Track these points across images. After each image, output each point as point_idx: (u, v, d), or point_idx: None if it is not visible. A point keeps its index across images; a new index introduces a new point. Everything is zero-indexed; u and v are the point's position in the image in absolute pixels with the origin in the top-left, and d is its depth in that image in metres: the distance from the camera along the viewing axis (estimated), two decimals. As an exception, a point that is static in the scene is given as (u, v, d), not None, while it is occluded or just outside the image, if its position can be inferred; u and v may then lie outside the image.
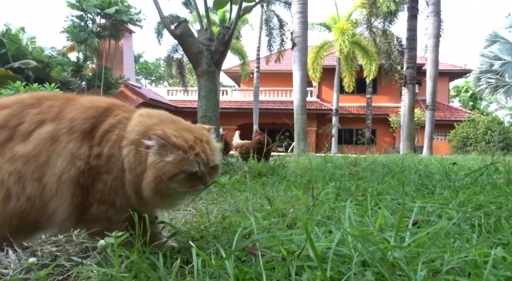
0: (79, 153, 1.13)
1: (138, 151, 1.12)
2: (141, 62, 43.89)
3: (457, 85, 42.23)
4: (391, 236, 1.06)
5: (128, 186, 1.14)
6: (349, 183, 2.54)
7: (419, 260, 0.93)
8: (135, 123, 1.18)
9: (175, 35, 3.15)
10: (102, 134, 1.16)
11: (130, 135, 1.15)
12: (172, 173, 1.09)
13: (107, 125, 1.18)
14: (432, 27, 14.04)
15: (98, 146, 1.15)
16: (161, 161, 1.10)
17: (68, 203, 1.11)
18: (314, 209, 1.47)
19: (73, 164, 1.11)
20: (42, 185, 1.10)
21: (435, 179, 3.15)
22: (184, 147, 1.12)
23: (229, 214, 1.57)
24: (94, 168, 1.13)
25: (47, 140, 1.13)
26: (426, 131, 14.58)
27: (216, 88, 3.28)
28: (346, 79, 21.44)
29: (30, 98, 1.23)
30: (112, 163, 1.14)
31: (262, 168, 3.01)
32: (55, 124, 1.15)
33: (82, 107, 1.20)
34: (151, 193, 1.10)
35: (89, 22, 22.62)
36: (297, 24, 10.14)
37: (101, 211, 1.14)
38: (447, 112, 25.01)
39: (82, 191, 1.13)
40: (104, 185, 1.14)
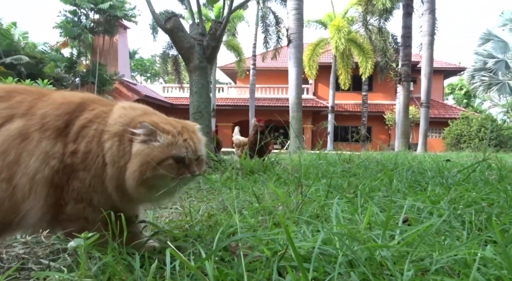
0: (53, 151, 1.07)
1: (122, 142, 1.09)
2: (136, 58, 43.60)
3: (452, 83, 42.42)
4: (379, 235, 1.03)
5: (109, 182, 1.09)
6: (341, 180, 2.51)
7: (407, 259, 0.89)
8: (118, 115, 1.14)
9: (166, 29, 3.09)
10: (77, 130, 1.11)
11: (112, 128, 1.11)
12: (159, 158, 1.07)
13: (83, 120, 1.12)
14: (427, 25, 14.05)
15: (73, 143, 1.09)
16: (147, 147, 1.08)
17: (41, 203, 1.06)
18: (303, 207, 1.43)
19: (47, 163, 1.06)
20: (12, 186, 1.04)
21: (428, 175, 3.14)
22: (172, 132, 1.12)
23: (215, 212, 1.53)
24: (69, 165, 1.08)
25: (16, 137, 1.07)
26: (420, 128, 14.63)
27: (208, 84, 3.23)
28: (342, 77, 21.42)
29: (0, 91, 1.16)
30: (90, 159, 1.09)
31: (254, 165, 2.97)
32: (25, 121, 1.09)
33: (54, 103, 1.14)
34: (136, 183, 1.06)
35: (82, 17, 22.40)
36: (293, 21, 10.08)
37: (77, 210, 1.09)
38: (442, 110, 25.12)
39: (56, 190, 1.08)
40: (81, 183, 1.08)
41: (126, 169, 1.07)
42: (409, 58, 13.21)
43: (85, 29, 21.91)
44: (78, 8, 21.94)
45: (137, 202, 1.19)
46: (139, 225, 1.21)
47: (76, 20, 22.19)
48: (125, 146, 1.09)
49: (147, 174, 1.06)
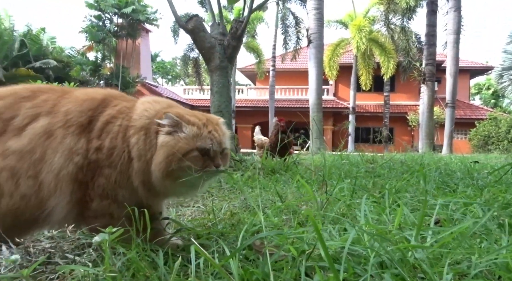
0: (77, 147, 1.07)
1: (148, 135, 1.09)
2: (157, 61, 44.35)
3: (478, 83, 41.09)
4: (411, 235, 0.97)
5: (135, 177, 1.09)
6: (365, 181, 2.44)
7: (443, 262, 0.84)
8: (142, 109, 1.14)
9: (187, 29, 3.11)
10: (101, 127, 1.11)
11: (138, 122, 1.11)
12: (185, 150, 1.07)
13: (107, 116, 1.12)
14: (452, 22, 13.64)
15: (97, 139, 1.09)
16: (173, 139, 1.08)
17: (67, 200, 1.06)
18: (328, 206, 1.39)
19: (71, 159, 1.06)
20: (38, 183, 1.05)
21: (457, 177, 3.02)
22: (197, 123, 1.12)
23: (238, 211, 1.50)
24: (93, 162, 1.08)
25: (42, 135, 1.08)
26: (445, 129, 14.20)
27: (229, 84, 3.22)
28: (363, 77, 21.09)
29: (25, 90, 1.18)
30: (115, 155, 1.08)
31: (275, 165, 2.94)
32: (50, 119, 1.10)
33: (77, 100, 1.15)
34: (161, 175, 1.05)
35: (106, 21, 22.96)
36: (313, 21, 9.98)
37: (103, 206, 1.09)
38: (468, 111, 24.35)
39: (81, 186, 1.08)
40: (106, 179, 1.08)
41: (151, 162, 1.07)
42: (434, 57, 12.85)
43: (109, 33, 22.46)
44: (103, 13, 22.50)
45: (163, 196, 1.18)
46: (162, 222, 1.20)
47: (101, 25, 22.76)
48: (152, 139, 1.08)
49: (173, 166, 1.05)
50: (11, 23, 20.98)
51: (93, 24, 22.58)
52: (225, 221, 1.33)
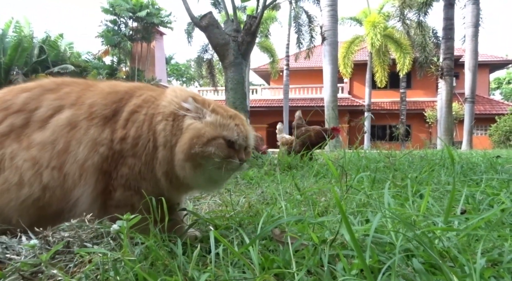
0: (101, 138, 1.08)
1: (176, 120, 1.08)
2: (172, 63, 44.80)
3: (498, 77, 40.00)
4: (437, 223, 0.93)
5: (159, 167, 1.08)
6: (385, 174, 2.38)
7: (473, 249, 0.80)
8: (172, 96, 1.14)
9: (201, 27, 3.11)
10: (127, 117, 1.10)
11: (167, 109, 1.10)
12: (211, 135, 1.06)
13: (132, 106, 1.12)
14: (470, 15, 13.31)
15: (122, 129, 1.09)
16: (199, 123, 1.08)
17: (91, 189, 1.07)
18: (348, 198, 1.35)
19: (96, 150, 1.07)
20: (63, 174, 1.06)
21: (480, 170, 2.93)
22: (223, 114, 1.11)
23: (255, 203, 1.48)
24: (118, 152, 1.08)
25: (65, 126, 1.09)
26: (465, 125, 13.85)
27: (244, 80, 3.20)
28: (378, 74, 20.79)
29: (51, 83, 1.20)
30: (140, 145, 1.08)
31: (292, 160, 2.90)
32: (74, 110, 1.11)
33: (101, 92, 1.16)
34: (183, 156, 1.04)
35: (122, 26, 23.34)
36: (327, 18, 9.88)
37: (125, 197, 1.09)
38: (487, 106, 23.72)
39: (105, 176, 1.08)
40: (130, 169, 1.08)
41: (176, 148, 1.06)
42: (452, 51, 12.55)
43: (125, 37, 22.82)
44: (118, 17, 22.89)
45: (184, 188, 1.16)
46: (180, 213, 1.19)
47: (116, 29, 23.15)
48: (179, 123, 1.08)
49: (196, 148, 1.04)
50: (30, 30, 21.54)
51: (108, 28, 22.99)
52: (243, 213, 1.31)
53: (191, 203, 1.52)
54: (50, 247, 0.84)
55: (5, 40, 19.97)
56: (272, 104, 24.64)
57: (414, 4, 17.82)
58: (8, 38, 20.06)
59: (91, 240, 0.93)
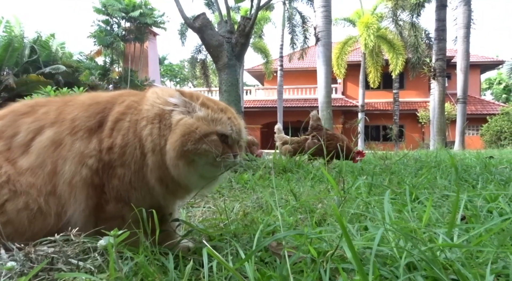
0: (89, 150, 1.03)
1: (163, 120, 1.03)
2: (165, 64, 44.57)
3: (489, 78, 40.41)
4: (439, 234, 0.90)
5: (151, 175, 1.02)
6: (381, 178, 2.36)
7: (477, 261, 0.77)
8: (154, 98, 1.08)
9: (194, 28, 3.06)
10: (111, 125, 1.05)
11: (150, 112, 1.05)
12: (204, 131, 1.00)
13: (116, 114, 1.07)
14: (462, 17, 13.40)
15: (108, 138, 1.04)
16: (190, 118, 1.02)
17: (83, 207, 1.02)
18: (345, 204, 1.32)
19: (84, 163, 1.02)
20: (57, 197, 1.01)
21: (474, 172, 2.92)
22: (214, 108, 1.06)
23: (251, 211, 1.44)
24: (107, 163, 1.03)
25: (49, 146, 1.04)
26: (457, 125, 13.95)
27: (238, 82, 3.16)
28: (371, 75, 20.89)
29: (23, 106, 1.15)
30: (128, 153, 1.03)
31: (287, 163, 2.87)
32: (56, 129, 1.06)
33: (82, 105, 1.11)
34: (175, 154, 0.98)
35: (114, 26, 23.13)
36: (321, 19, 9.88)
37: (117, 209, 1.04)
38: (479, 106, 23.97)
39: (96, 190, 1.03)
40: (119, 180, 1.03)
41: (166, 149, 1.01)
42: (444, 52, 12.63)
43: (117, 37, 22.61)
44: (110, 17, 22.66)
45: (181, 191, 1.10)
46: (172, 223, 1.14)
47: (109, 29, 22.93)
48: (166, 122, 1.03)
49: (189, 146, 0.98)
50: (21, 30, 21.25)
51: (101, 28, 22.76)
52: (238, 222, 1.27)
53: (184, 211, 1.48)
54: (33, 264, 0.79)
55: (-5, 41, 19.68)
56: (266, 105, 24.63)
57: (406, 5, 17.93)
58: (-2, 39, 19.77)
59: (77, 255, 0.88)
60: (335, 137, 3.46)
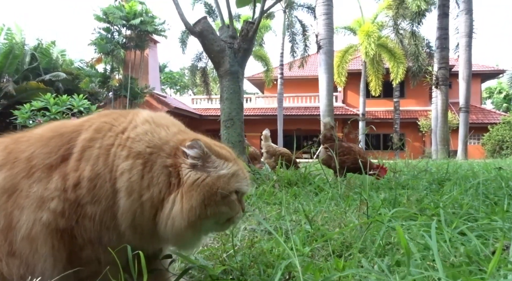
0: (49, 191, 0.82)
1: (148, 167, 0.82)
2: (166, 72, 44.61)
3: (490, 87, 40.44)
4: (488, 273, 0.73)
5: (123, 219, 0.82)
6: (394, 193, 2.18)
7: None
8: (142, 131, 0.87)
9: (195, 32, 2.92)
10: (78, 156, 0.84)
11: (134, 145, 0.84)
12: (226, 191, 0.83)
13: (82, 142, 0.86)
14: (463, 25, 13.37)
15: (75, 172, 0.83)
16: (208, 176, 0.83)
17: (51, 262, 0.81)
18: (368, 231, 1.14)
19: (44, 208, 0.81)
20: (16, 258, 0.81)
21: (492, 186, 2.75)
22: (230, 158, 0.88)
23: (259, 237, 1.26)
24: (74, 201, 0.82)
25: (1, 195, 0.83)
26: (460, 134, 13.82)
27: (240, 89, 3.00)
28: (372, 83, 20.84)
29: None
30: (98, 187, 0.82)
31: (292, 176, 2.70)
32: (6, 172, 0.85)
33: (40, 140, 0.90)
34: (187, 224, 0.80)
35: (115, 33, 23.10)
36: (322, 26, 9.79)
37: (90, 252, 0.85)
38: (480, 115, 23.91)
39: (63, 238, 0.82)
40: (90, 220, 0.82)
41: (151, 205, 0.82)
42: (447, 61, 12.54)
43: (118, 44, 22.59)
44: (111, 25, 22.66)
45: (156, 243, 0.91)
46: (164, 261, 0.95)
47: (109, 37, 22.91)
48: (156, 174, 0.82)
49: (208, 212, 0.81)
50: (22, 37, 21.25)
51: (102, 36, 22.74)
52: (244, 251, 1.09)
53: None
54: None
55: (-4, 48, 19.65)
56: (266, 113, 24.53)
57: (407, 14, 17.93)
58: (-1, 46, 19.76)
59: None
60: (351, 151, 3.10)
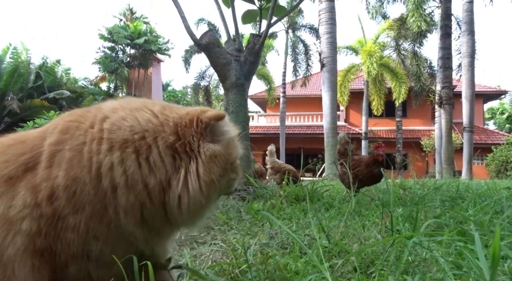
0: (17, 208, 0.71)
1: (151, 152, 0.75)
2: (169, 90, 44.98)
3: (492, 107, 40.53)
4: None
5: (126, 217, 0.73)
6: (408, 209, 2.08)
7: None
8: (117, 118, 0.78)
9: (201, 45, 2.89)
10: (47, 164, 0.74)
11: (115, 135, 0.75)
12: (236, 157, 0.85)
13: (49, 147, 0.76)
14: (466, 46, 13.48)
15: (46, 181, 0.73)
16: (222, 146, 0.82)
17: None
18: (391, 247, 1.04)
19: (14, 231, 0.71)
20: None
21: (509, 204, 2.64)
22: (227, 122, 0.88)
23: (273, 250, 1.17)
24: (52, 216, 0.72)
25: None
26: (464, 154, 13.70)
27: (246, 103, 2.95)
28: (374, 103, 20.89)
29: None
30: (78, 193, 0.72)
31: (300, 191, 2.60)
32: None
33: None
34: (206, 200, 0.77)
35: (119, 52, 23.44)
36: (326, 45, 9.87)
37: (79, 269, 0.74)
38: (483, 135, 23.84)
39: (43, 257, 0.72)
40: (74, 232, 0.72)
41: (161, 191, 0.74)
42: (450, 80, 12.58)
43: (122, 63, 22.89)
44: (116, 44, 23.01)
45: (166, 231, 0.84)
46: (171, 272, 0.85)
47: (114, 55, 23.24)
48: (156, 158, 0.75)
49: (223, 182, 0.80)
50: (28, 56, 21.57)
51: (106, 55, 23.06)
52: (257, 267, 0.99)
53: (187, 249, 1.20)
54: None
55: (2, 66, 19.92)
56: (269, 131, 24.54)
57: (409, 35, 18.13)
58: (5, 64, 20.04)
59: None
60: (361, 163, 3.07)
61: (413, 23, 15.15)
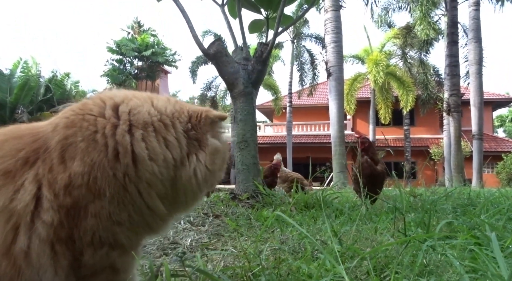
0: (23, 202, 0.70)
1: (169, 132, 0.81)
2: (176, 101, 45.37)
3: (501, 115, 40.16)
4: None
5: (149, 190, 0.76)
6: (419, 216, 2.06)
7: None
8: (134, 105, 0.82)
9: (209, 54, 2.93)
10: (59, 161, 0.73)
11: (135, 118, 0.79)
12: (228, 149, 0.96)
13: (58, 145, 0.75)
14: (473, 53, 13.42)
15: (64, 172, 0.72)
16: (223, 142, 0.93)
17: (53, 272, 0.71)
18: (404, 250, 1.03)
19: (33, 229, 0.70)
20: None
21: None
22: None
23: (285, 255, 1.16)
24: (72, 206, 0.71)
25: None
26: (474, 162, 13.51)
27: (254, 111, 2.97)
28: (381, 111, 20.81)
29: None
30: (99, 178, 0.72)
31: (309, 199, 2.59)
32: None
33: None
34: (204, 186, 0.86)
35: (127, 64, 23.75)
36: (332, 54, 9.91)
37: (99, 257, 0.74)
38: (493, 143, 23.55)
39: (61, 242, 0.72)
40: (96, 218, 0.72)
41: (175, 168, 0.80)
42: (458, 87, 12.48)
43: (130, 75, 23.17)
44: (124, 57, 23.35)
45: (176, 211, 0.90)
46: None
47: (122, 68, 23.56)
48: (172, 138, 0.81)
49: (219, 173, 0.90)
50: (38, 70, 21.96)
51: (114, 67, 23.38)
52: (270, 270, 0.98)
53: (198, 254, 1.20)
54: None
55: (13, 80, 20.31)
56: (275, 140, 24.53)
57: (415, 43, 18.13)
58: (16, 78, 20.43)
59: None
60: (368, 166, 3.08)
61: (421, 31, 15.15)
